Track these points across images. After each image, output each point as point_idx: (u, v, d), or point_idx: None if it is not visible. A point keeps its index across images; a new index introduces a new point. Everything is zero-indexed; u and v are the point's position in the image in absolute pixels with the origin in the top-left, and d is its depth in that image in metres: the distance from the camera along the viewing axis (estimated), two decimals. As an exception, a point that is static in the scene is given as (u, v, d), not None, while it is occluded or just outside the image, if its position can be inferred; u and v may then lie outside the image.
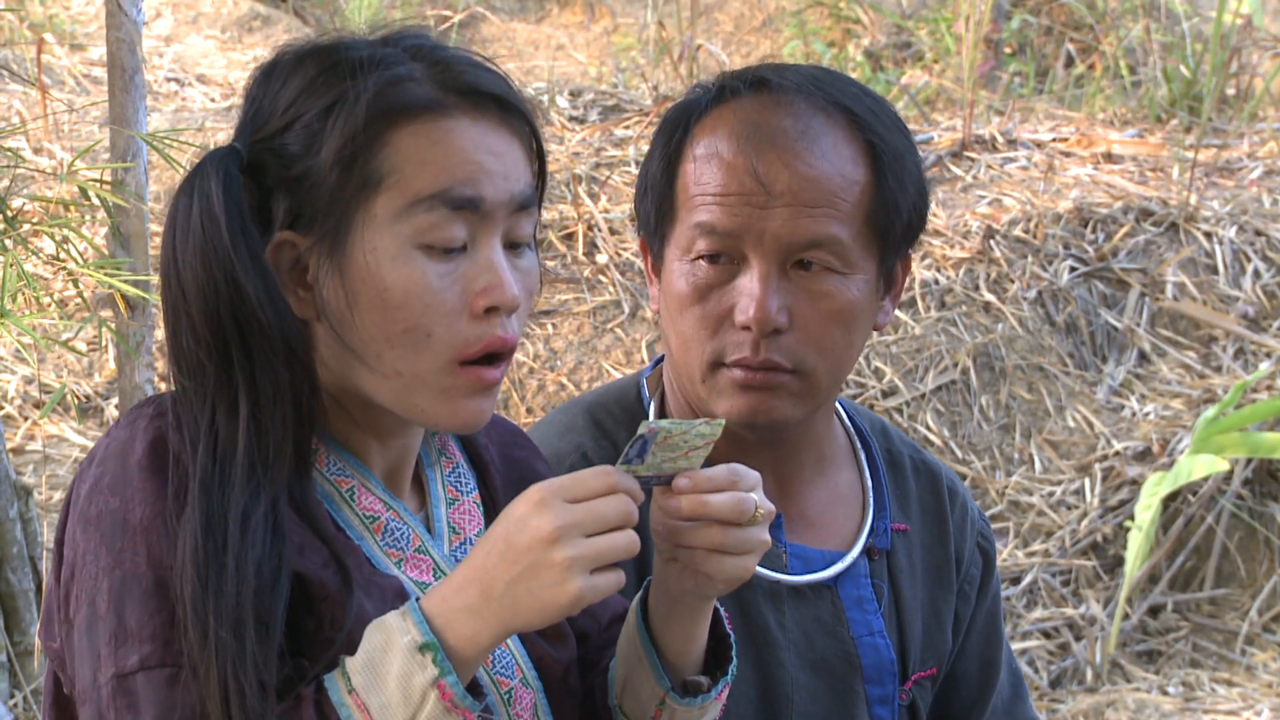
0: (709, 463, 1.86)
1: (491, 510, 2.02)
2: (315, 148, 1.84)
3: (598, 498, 1.75)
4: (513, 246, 1.88)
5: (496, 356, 1.86)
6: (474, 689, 1.77)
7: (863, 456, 2.45)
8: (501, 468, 2.06)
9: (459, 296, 1.84)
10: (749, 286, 2.24)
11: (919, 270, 5.97)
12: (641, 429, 1.80)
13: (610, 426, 2.36)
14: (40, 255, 3.87)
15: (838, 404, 2.45)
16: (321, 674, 1.78)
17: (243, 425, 1.80)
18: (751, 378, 2.25)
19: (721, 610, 1.97)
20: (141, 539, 1.77)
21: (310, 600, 1.81)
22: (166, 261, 1.84)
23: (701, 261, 2.26)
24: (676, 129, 2.31)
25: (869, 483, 2.43)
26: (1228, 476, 5.60)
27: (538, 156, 1.92)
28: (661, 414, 2.38)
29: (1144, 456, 5.70)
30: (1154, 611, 5.53)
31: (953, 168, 6.59)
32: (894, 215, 2.28)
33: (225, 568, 1.75)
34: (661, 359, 2.43)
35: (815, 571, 2.36)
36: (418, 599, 1.77)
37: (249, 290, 1.81)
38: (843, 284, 2.26)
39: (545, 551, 1.72)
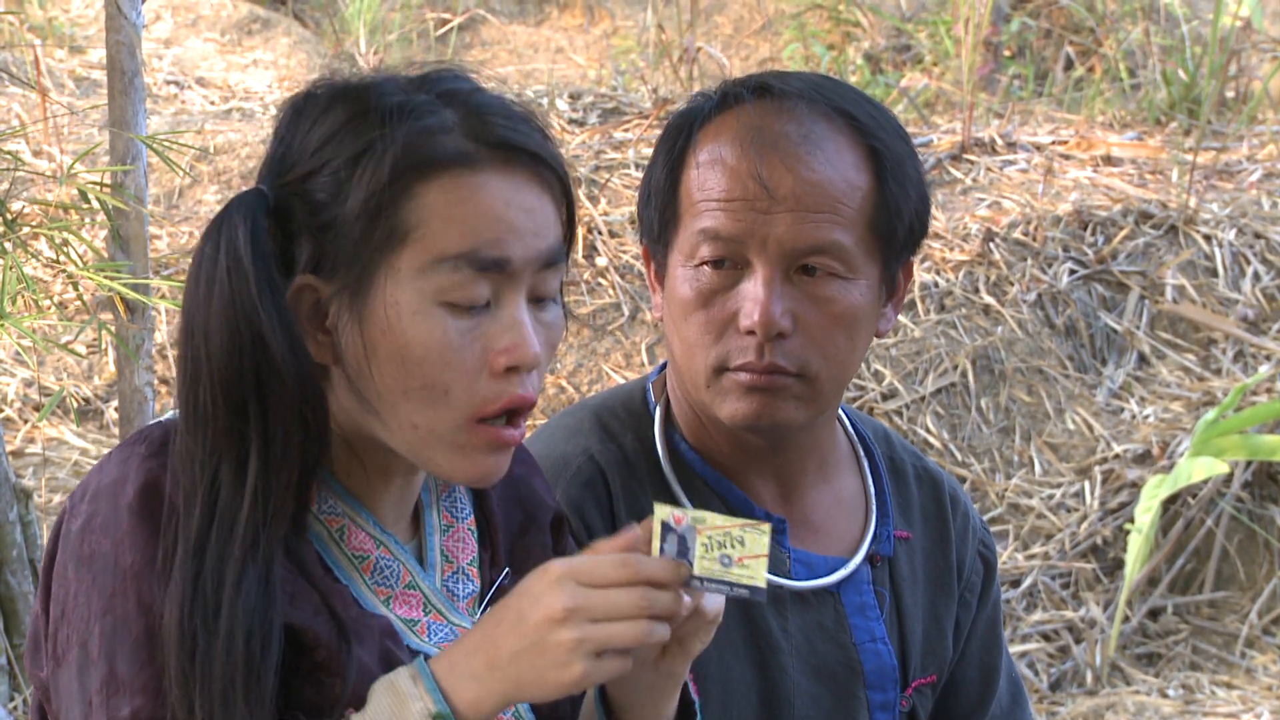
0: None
1: (485, 534, 1.99)
2: (342, 197, 1.80)
3: (616, 587, 1.72)
4: (537, 300, 1.85)
5: (515, 413, 1.84)
6: None
7: (865, 463, 2.45)
8: (500, 487, 2.02)
9: (479, 355, 1.81)
10: (753, 291, 2.24)
11: (919, 273, 5.97)
12: (662, 516, 1.76)
13: (616, 430, 2.36)
14: (40, 258, 3.87)
15: (840, 410, 2.45)
16: None
17: (250, 484, 1.77)
18: (756, 380, 2.25)
19: (689, 683, 1.95)
20: (132, 585, 1.75)
21: (300, 649, 1.79)
22: (190, 312, 1.81)
23: (705, 267, 2.26)
24: (679, 136, 2.31)
25: (871, 489, 2.43)
26: (1227, 479, 5.60)
27: (568, 209, 1.88)
28: (667, 418, 2.38)
29: (1144, 459, 5.70)
30: (1154, 614, 5.53)
31: (952, 170, 6.59)
32: (896, 221, 2.28)
33: (215, 634, 1.73)
34: (666, 364, 2.43)
35: (818, 577, 2.35)
36: (426, 658, 1.76)
37: (273, 345, 1.77)
38: (846, 289, 2.26)
39: (552, 631, 1.71)
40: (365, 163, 1.80)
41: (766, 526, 1.80)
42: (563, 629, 1.70)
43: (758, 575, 1.78)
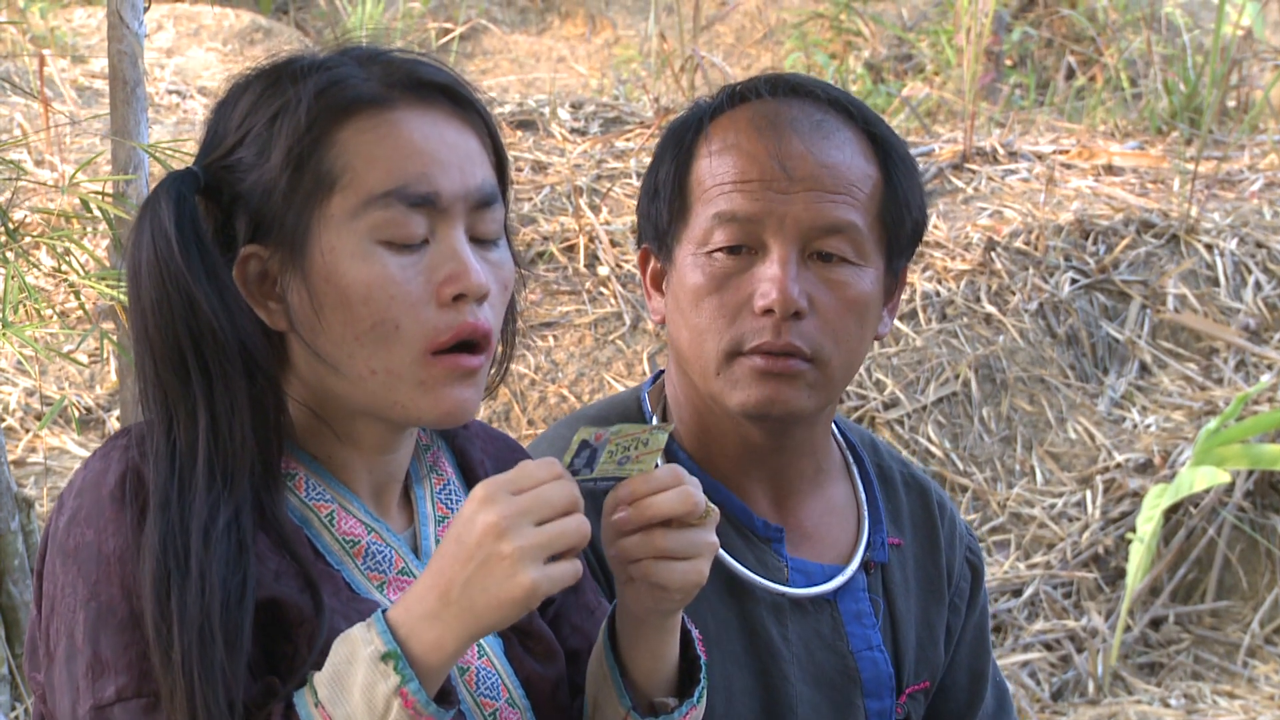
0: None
1: None
2: (265, 156, 1.84)
3: (543, 485, 1.73)
4: (480, 242, 1.87)
5: (472, 345, 1.85)
6: (446, 698, 1.76)
7: (855, 470, 2.45)
8: None
9: (423, 286, 1.82)
10: (769, 271, 2.25)
11: (920, 282, 5.98)
12: (584, 435, 1.79)
13: None
14: (41, 267, 3.88)
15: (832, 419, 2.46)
16: (293, 691, 1.77)
17: (201, 436, 1.79)
18: (772, 364, 2.25)
19: (694, 632, 1.96)
20: (115, 570, 1.77)
21: (287, 626, 1.80)
22: (129, 291, 1.85)
23: (719, 254, 2.27)
24: (688, 131, 2.33)
25: (863, 496, 2.43)
26: (1229, 489, 5.60)
27: (496, 151, 1.91)
28: None
29: (1145, 468, 5.70)
30: (1155, 624, 5.52)
31: (954, 180, 6.59)
32: (905, 212, 2.31)
33: (188, 579, 1.74)
34: (661, 373, 2.43)
35: (815, 585, 2.35)
36: (384, 610, 1.76)
37: (202, 301, 1.80)
38: (858, 275, 2.28)
39: (495, 544, 1.70)
40: (282, 117, 1.84)
41: (669, 427, 1.84)
42: (504, 540, 1.70)
43: (647, 466, 1.81)
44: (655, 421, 2.39)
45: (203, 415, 1.80)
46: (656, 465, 1.83)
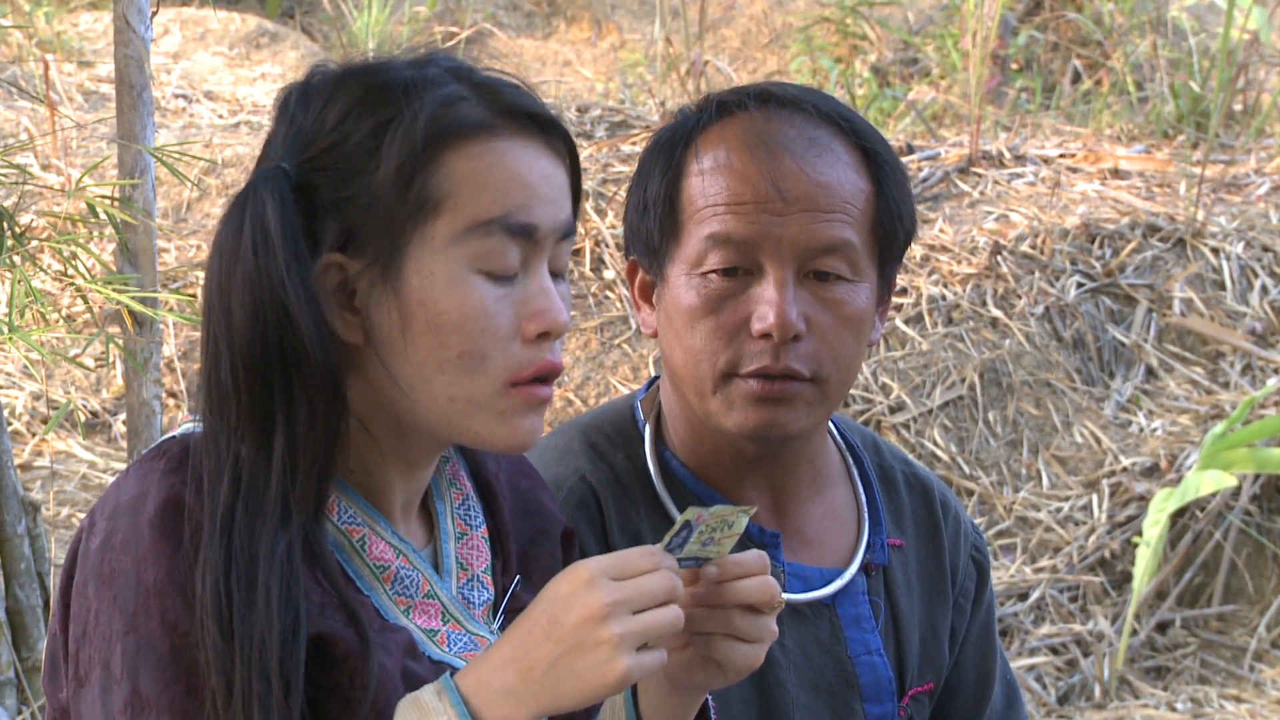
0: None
1: (498, 544, 1.99)
2: (370, 168, 1.80)
3: (644, 575, 1.73)
4: (553, 275, 1.86)
5: (545, 378, 1.85)
6: None
7: (855, 472, 2.44)
8: (510, 498, 2.03)
9: (512, 321, 1.81)
10: (767, 294, 2.23)
11: (926, 286, 5.98)
12: (688, 515, 1.80)
13: (606, 449, 2.35)
14: (48, 271, 3.89)
15: (829, 421, 2.45)
16: None
17: (277, 458, 1.75)
18: (769, 389, 2.24)
19: (710, 700, 1.96)
20: (155, 602, 1.73)
21: (331, 660, 1.78)
22: (212, 288, 1.79)
23: (713, 275, 2.25)
24: (676, 145, 2.31)
25: (863, 498, 2.43)
26: (1235, 492, 5.60)
27: (574, 182, 1.90)
28: (658, 435, 2.37)
29: (1152, 472, 5.70)
30: (1162, 628, 5.52)
31: (960, 183, 6.59)
32: (897, 223, 2.30)
33: (254, 609, 1.71)
34: (654, 381, 2.42)
35: (813, 589, 2.35)
36: (453, 673, 1.74)
37: (299, 319, 1.76)
38: (853, 291, 2.27)
39: (595, 629, 1.69)
40: (393, 132, 1.80)
41: (751, 510, 1.85)
42: (604, 626, 1.69)
43: (724, 550, 1.84)
44: (648, 434, 2.37)
45: (280, 437, 1.76)
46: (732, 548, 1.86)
